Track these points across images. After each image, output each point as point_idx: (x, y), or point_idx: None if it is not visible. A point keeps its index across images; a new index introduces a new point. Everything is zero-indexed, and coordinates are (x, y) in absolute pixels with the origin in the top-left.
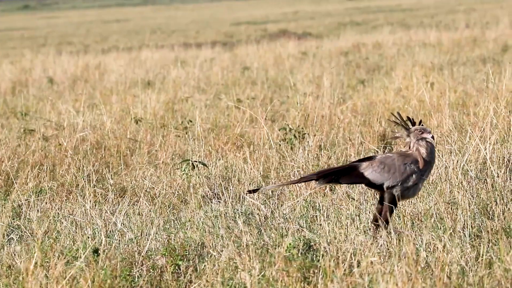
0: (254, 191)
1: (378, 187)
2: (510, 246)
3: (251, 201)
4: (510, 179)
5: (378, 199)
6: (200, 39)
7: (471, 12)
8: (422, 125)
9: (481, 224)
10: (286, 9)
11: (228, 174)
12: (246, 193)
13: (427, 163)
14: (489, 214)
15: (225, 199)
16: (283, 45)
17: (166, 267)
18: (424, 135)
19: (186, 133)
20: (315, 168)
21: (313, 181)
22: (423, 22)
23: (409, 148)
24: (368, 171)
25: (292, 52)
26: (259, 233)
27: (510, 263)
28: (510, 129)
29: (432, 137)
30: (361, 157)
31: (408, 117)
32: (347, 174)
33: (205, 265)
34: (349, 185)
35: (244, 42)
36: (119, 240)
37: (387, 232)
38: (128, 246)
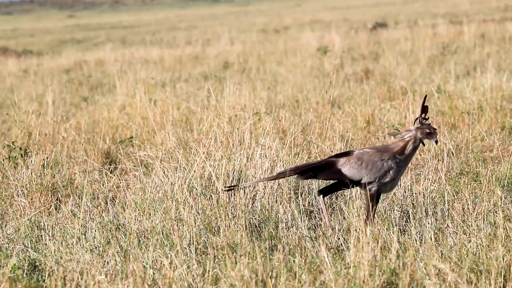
0: (232, 187)
1: (356, 183)
2: (236, 262)
3: None
4: (234, 195)
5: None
6: None
7: (192, 29)
8: (428, 117)
9: (207, 240)
10: (5, 26)
11: None
12: (224, 190)
13: (406, 159)
14: (214, 230)
15: None
16: (3, 63)
17: None
18: (430, 137)
19: None
20: (39, 187)
21: (281, 178)
22: (145, 39)
23: (402, 138)
24: (346, 167)
25: (12, 70)
26: None
27: (236, 279)
28: (233, 145)
29: (436, 142)
30: (87, 171)
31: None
32: (325, 170)
33: None
34: (326, 180)
35: None
36: None
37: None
38: None
